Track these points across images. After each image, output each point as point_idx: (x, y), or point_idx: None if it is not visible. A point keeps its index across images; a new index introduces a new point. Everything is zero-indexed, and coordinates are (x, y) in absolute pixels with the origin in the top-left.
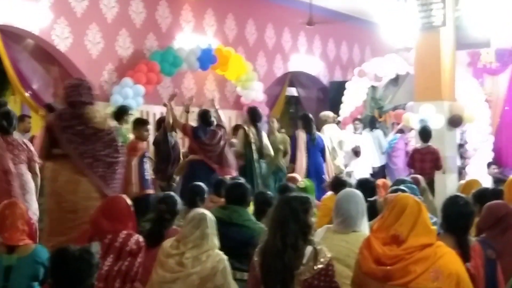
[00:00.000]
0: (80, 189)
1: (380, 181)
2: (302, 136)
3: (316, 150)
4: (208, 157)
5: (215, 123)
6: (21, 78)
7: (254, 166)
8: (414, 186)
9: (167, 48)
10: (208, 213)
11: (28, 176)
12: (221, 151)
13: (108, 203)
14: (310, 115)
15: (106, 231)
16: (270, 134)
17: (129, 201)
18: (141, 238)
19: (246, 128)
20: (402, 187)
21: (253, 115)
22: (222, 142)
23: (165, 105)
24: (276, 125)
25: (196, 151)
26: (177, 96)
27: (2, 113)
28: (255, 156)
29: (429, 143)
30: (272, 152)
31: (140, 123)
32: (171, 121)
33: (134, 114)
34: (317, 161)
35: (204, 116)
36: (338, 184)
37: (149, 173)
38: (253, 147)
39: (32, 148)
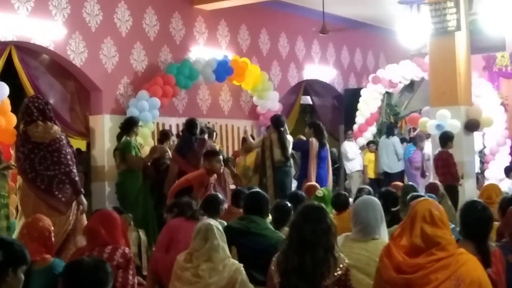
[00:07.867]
0: (31, 203)
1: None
2: (315, 146)
3: (323, 161)
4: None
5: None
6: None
7: (270, 171)
8: (433, 196)
9: (184, 61)
10: (214, 223)
11: None
12: None
13: (106, 214)
14: (320, 123)
15: (102, 239)
16: None
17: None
18: (127, 250)
19: (266, 135)
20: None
21: (276, 122)
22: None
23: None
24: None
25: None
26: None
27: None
28: (270, 161)
29: (447, 149)
30: (280, 157)
31: (211, 154)
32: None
33: (143, 126)
34: (321, 172)
35: (190, 125)
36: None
37: None
38: (267, 153)
39: None
